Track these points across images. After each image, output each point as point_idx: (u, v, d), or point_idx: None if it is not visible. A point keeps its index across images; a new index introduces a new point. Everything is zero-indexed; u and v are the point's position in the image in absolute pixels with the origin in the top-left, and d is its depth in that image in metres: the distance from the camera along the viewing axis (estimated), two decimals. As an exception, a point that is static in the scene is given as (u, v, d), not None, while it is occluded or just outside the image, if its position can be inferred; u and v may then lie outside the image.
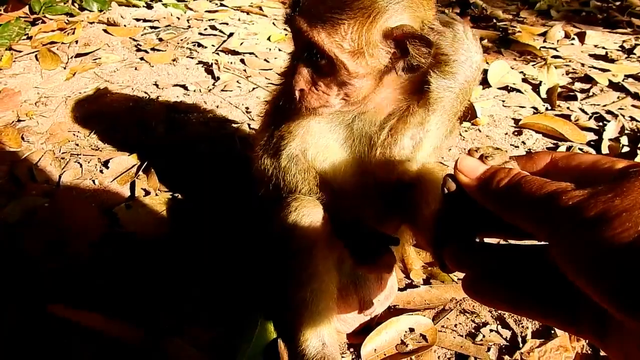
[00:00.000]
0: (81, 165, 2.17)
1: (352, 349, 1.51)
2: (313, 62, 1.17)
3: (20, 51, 3.13)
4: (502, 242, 1.04)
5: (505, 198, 0.65)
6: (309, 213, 1.29)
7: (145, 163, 2.15)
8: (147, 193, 2.02)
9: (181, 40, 3.38)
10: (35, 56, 3.08)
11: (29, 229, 1.79)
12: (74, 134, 2.39)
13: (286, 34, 3.51)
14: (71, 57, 3.10)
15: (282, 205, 1.32)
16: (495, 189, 0.67)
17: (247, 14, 3.90)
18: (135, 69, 3.01)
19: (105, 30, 3.42)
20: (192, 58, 3.16)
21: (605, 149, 2.35)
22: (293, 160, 1.34)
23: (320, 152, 1.34)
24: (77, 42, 3.25)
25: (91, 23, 3.50)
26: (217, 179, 2.09)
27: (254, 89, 2.84)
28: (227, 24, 3.66)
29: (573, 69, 3.19)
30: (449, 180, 0.79)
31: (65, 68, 3.00)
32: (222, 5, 4.02)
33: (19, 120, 2.48)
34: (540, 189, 0.60)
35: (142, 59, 3.13)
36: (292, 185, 1.34)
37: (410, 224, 1.41)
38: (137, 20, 3.61)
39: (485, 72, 2.96)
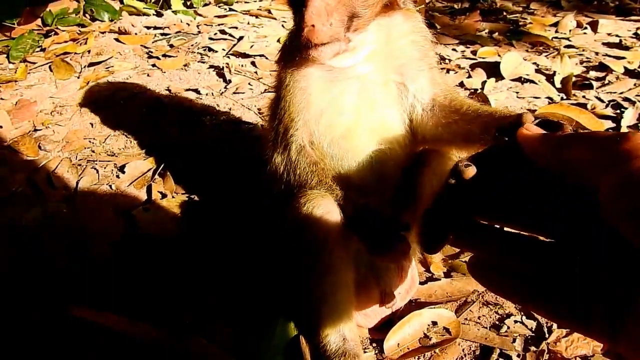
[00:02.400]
0: (98, 171, 2.18)
1: (374, 344, 1.50)
2: None
3: (34, 63, 3.17)
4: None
5: (567, 142, 0.61)
6: (318, 205, 1.28)
7: (161, 167, 2.16)
8: (164, 196, 2.03)
9: (192, 45, 3.40)
10: (49, 67, 3.12)
11: (49, 234, 1.81)
12: (90, 141, 2.41)
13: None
14: (84, 67, 3.12)
15: (294, 200, 1.32)
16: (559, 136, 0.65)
17: (256, 17, 3.91)
18: (148, 75, 3.03)
19: (116, 39, 3.45)
20: (203, 62, 3.17)
21: (624, 136, 2.31)
22: (301, 153, 1.35)
23: (326, 133, 1.36)
24: (89, 51, 3.28)
25: (103, 33, 3.54)
26: (232, 180, 2.10)
27: (265, 90, 2.84)
28: (236, 27, 3.67)
29: (587, 57, 3.15)
30: (466, 163, 0.76)
31: (78, 77, 3.02)
32: (231, 9, 4.04)
33: (35, 130, 2.51)
34: (601, 133, 0.58)
35: (154, 65, 3.15)
36: (303, 179, 1.34)
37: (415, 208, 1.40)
38: (148, 28, 3.64)
39: (497, 64, 2.95)
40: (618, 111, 2.52)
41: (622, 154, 0.52)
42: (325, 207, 1.27)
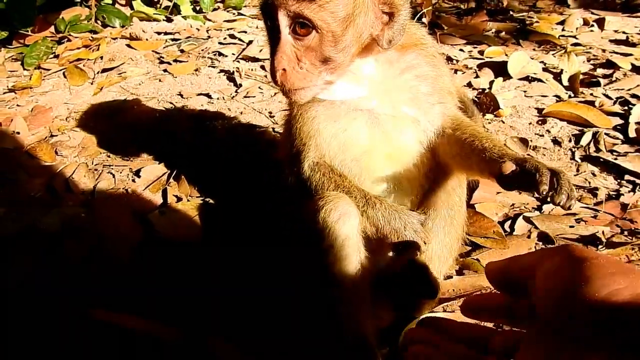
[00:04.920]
0: (114, 176, 2.23)
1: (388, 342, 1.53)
2: (297, 38, 1.20)
3: (48, 69, 3.23)
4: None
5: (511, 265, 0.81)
6: (336, 207, 1.32)
7: (175, 171, 2.21)
8: (179, 199, 2.07)
9: (202, 50, 3.44)
10: (63, 73, 3.18)
11: (69, 237, 1.85)
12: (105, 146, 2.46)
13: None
14: (97, 73, 3.18)
15: (311, 203, 1.37)
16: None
17: (265, 21, 3.95)
18: (160, 80, 3.08)
19: (128, 45, 3.50)
20: (214, 67, 3.22)
21: (632, 133, 2.32)
22: (314, 169, 1.40)
23: (337, 155, 1.40)
24: (102, 57, 3.34)
25: (114, 39, 3.59)
26: (245, 183, 2.14)
27: (275, 94, 2.88)
28: (245, 32, 3.71)
29: (594, 55, 3.16)
30: None
31: (92, 83, 3.08)
32: (239, 14, 4.08)
33: (51, 136, 2.56)
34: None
35: (165, 70, 3.20)
36: (319, 188, 1.39)
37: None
38: (159, 33, 3.70)
39: (505, 63, 2.97)
40: (626, 108, 2.53)
41: (563, 251, 0.67)
42: (342, 208, 1.31)
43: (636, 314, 0.51)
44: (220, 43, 3.55)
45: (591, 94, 2.70)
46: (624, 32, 3.50)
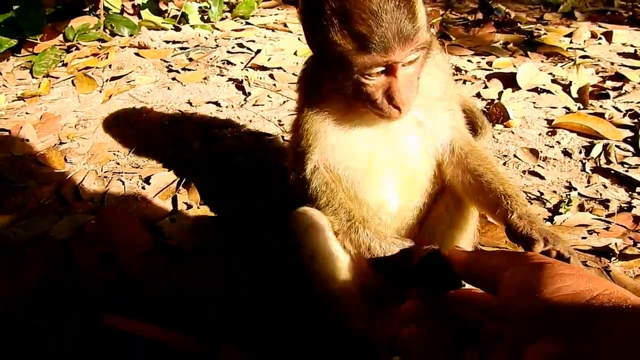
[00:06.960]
0: (123, 183, 2.23)
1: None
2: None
3: (57, 77, 3.24)
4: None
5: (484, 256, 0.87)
6: (305, 219, 1.42)
7: (185, 178, 2.20)
8: (189, 206, 2.06)
9: (210, 59, 3.45)
10: (72, 81, 3.19)
11: (79, 245, 1.85)
12: (114, 154, 2.46)
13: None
14: (106, 81, 3.19)
15: (290, 214, 1.46)
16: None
17: (273, 30, 3.97)
18: (168, 88, 3.09)
19: (136, 54, 3.51)
20: (223, 75, 3.22)
21: (643, 145, 2.33)
22: (314, 174, 1.41)
23: (341, 159, 1.41)
24: (110, 66, 3.35)
25: (123, 47, 3.61)
26: (255, 190, 2.13)
27: (284, 102, 2.89)
28: (253, 41, 3.73)
29: (603, 67, 3.16)
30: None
31: (100, 91, 3.09)
32: (247, 23, 4.10)
33: (60, 143, 2.56)
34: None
35: (174, 79, 3.21)
36: (314, 196, 1.42)
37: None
38: (167, 42, 3.71)
39: (513, 74, 2.97)
40: (635, 120, 2.53)
41: (524, 258, 0.76)
42: (310, 220, 1.40)
43: (574, 307, 0.62)
44: (228, 52, 3.56)
45: (600, 106, 2.70)
46: (632, 46, 3.51)
